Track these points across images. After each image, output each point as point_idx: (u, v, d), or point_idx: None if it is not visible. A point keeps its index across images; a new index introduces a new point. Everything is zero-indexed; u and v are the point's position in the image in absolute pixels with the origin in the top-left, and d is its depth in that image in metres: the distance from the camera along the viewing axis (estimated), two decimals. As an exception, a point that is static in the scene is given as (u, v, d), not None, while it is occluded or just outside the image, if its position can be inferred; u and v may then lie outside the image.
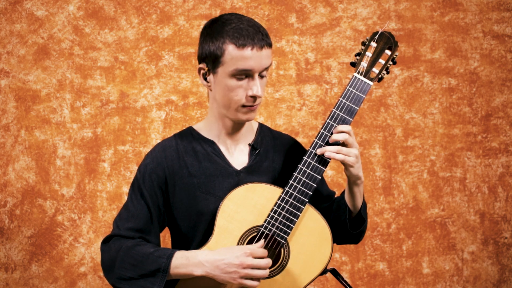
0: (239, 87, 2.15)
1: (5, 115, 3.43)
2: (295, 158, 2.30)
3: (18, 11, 3.42)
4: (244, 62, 2.13)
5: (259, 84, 2.16)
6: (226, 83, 2.15)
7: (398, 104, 3.59)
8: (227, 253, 2.10)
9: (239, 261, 2.09)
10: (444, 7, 3.58)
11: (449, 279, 3.61)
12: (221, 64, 2.15)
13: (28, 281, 3.43)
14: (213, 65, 2.17)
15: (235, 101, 2.17)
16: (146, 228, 2.23)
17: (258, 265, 2.10)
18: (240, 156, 2.29)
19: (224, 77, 2.15)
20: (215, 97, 2.21)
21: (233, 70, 2.14)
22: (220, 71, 2.16)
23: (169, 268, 2.13)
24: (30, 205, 3.43)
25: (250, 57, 2.13)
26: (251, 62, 2.13)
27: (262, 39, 2.15)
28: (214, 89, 2.20)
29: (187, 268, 2.12)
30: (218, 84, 2.18)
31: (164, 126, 3.48)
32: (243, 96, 2.16)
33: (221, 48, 2.14)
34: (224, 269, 2.09)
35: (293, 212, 2.16)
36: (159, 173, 2.24)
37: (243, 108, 2.18)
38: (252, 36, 2.13)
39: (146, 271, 2.14)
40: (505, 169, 3.63)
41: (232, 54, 2.13)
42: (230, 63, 2.13)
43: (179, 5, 3.49)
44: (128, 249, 2.18)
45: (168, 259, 2.13)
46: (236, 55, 2.13)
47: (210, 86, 2.21)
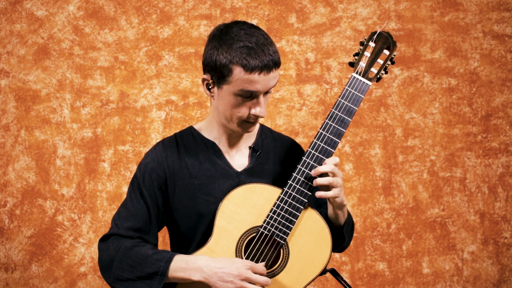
0: (243, 105, 2.15)
1: (5, 115, 3.43)
2: (296, 160, 2.30)
3: (18, 11, 3.42)
4: (250, 85, 2.11)
5: (263, 104, 2.16)
6: (230, 100, 2.15)
7: (398, 104, 3.59)
8: (227, 263, 2.11)
9: (238, 272, 2.09)
10: (444, 7, 3.58)
11: (449, 279, 3.61)
12: (227, 82, 2.13)
13: (28, 281, 3.43)
14: (218, 80, 2.15)
15: (237, 116, 2.17)
16: (145, 227, 2.23)
17: (256, 280, 2.10)
18: (240, 158, 2.29)
19: (228, 94, 2.15)
20: (217, 108, 2.21)
21: (238, 91, 2.13)
22: (225, 88, 2.15)
23: (168, 271, 2.13)
24: (30, 205, 3.43)
25: (257, 81, 2.11)
26: (257, 85, 2.12)
27: (271, 60, 2.12)
28: (217, 101, 2.19)
29: (186, 272, 2.12)
30: (221, 98, 2.17)
31: (164, 126, 3.48)
32: (246, 113, 2.16)
33: (228, 68, 2.11)
34: (222, 277, 2.09)
35: (292, 212, 2.16)
36: (160, 172, 2.24)
37: (244, 123, 2.19)
38: (261, 58, 2.11)
39: (144, 273, 2.14)
40: (505, 169, 3.63)
41: (239, 76, 2.11)
42: (237, 83, 2.12)
43: (179, 5, 3.49)
44: (127, 250, 2.17)
45: (167, 262, 2.13)
46: (243, 78, 2.11)
47: (213, 96, 2.20)
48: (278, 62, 2.14)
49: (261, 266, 2.13)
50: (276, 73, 2.14)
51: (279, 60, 2.15)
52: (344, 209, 2.26)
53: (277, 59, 2.14)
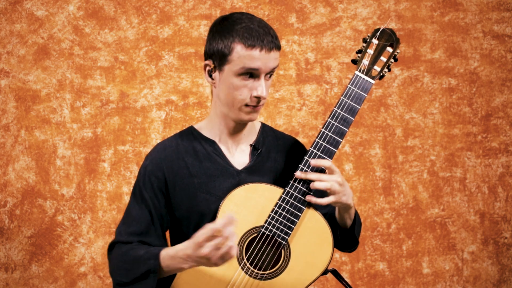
0: (244, 86, 2.15)
1: (5, 115, 3.42)
2: (298, 159, 2.30)
3: (18, 11, 3.42)
4: (251, 62, 2.13)
5: (264, 85, 2.16)
6: (232, 81, 2.15)
7: (398, 104, 3.59)
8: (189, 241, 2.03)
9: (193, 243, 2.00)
10: (444, 7, 3.58)
11: (449, 279, 3.61)
12: (228, 62, 2.14)
13: (28, 281, 3.43)
14: (219, 62, 2.16)
15: (238, 100, 2.16)
16: (147, 231, 2.22)
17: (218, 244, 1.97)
18: (241, 156, 2.29)
19: (230, 75, 2.15)
20: (219, 95, 2.21)
21: (239, 69, 2.13)
22: (226, 69, 2.15)
23: (159, 268, 2.12)
24: (30, 205, 3.43)
25: (257, 58, 2.13)
26: (258, 62, 2.13)
27: (272, 41, 2.15)
28: (219, 86, 2.20)
29: (176, 265, 2.10)
30: (223, 82, 2.18)
31: (164, 126, 3.48)
32: (247, 96, 2.16)
33: (229, 47, 2.14)
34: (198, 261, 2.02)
35: (294, 212, 2.15)
36: (158, 174, 2.23)
37: (246, 108, 2.18)
38: (261, 37, 2.13)
39: (138, 274, 2.14)
40: (505, 169, 3.63)
41: (240, 53, 2.13)
42: (238, 61, 2.13)
43: (179, 5, 3.49)
44: (123, 255, 2.18)
45: (155, 259, 2.12)
46: (244, 55, 2.12)
47: (214, 83, 2.21)
48: (279, 44, 2.17)
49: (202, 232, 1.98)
50: (276, 54, 2.16)
51: (279, 44, 2.18)
52: (350, 211, 2.24)
53: (278, 41, 2.17)
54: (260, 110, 2.23)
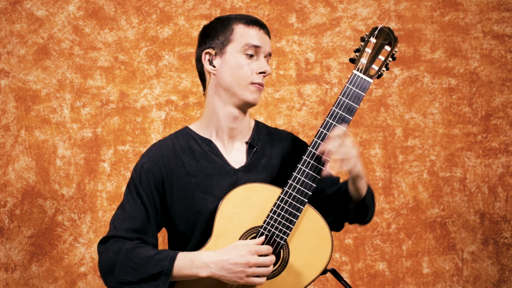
0: (248, 64, 2.23)
1: (5, 115, 3.43)
2: (293, 151, 2.31)
3: (18, 11, 3.42)
4: (253, 39, 2.23)
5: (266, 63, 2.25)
6: (236, 59, 2.22)
7: (398, 104, 3.59)
8: (232, 253, 2.09)
9: (245, 260, 2.08)
10: (444, 7, 3.58)
11: (449, 279, 3.61)
12: (231, 41, 2.23)
13: (28, 281, 3.43)
14: (221, 45, 2.24)
15: (244, 78, 2.22)
16: (144, 228, 2.22)
17: (264, 263, 2.09)
18: (237, 154, 2.29)
19: (233, 54, 2.23)
20: (220, 81, 2.24)
21: (243, 46, 2.22)
22: (229, 50, 2.23)
23: (172, 270, 2.12)
24: (30, 205, 3.43)
25: (258, 36, 2.24)
26: (259, 40, 2.24)
27: (265, 26, 2.28)
28: (221, 71, 2.24)
29: (191, 269, 2.11)
30: (226, 64, 2.23)
31: (164, 126, 3.48)
32: (252, 73, 2.22)
33: (230, 28, 2.24)
34: (231, 269, 2.08)
35: (292, 212, 2.15)
36: (156, 172, 2.23)
37: (251, 86, 2.22)
38: (257, 20, 2.27)
39: (147, 274, 2.13)
40: (505, 169, 3.63)
41: (241, 31, 2.23)
42: (240, 39, 2.23)
43: (179, 5, 3.49)
44: (128, 252, 2.16)
45: (170, 261, 2.12)
46: (245, 32, 2.23)
47: (216, 70, 2.25)
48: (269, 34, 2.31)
49: (265, 247, 2.11)
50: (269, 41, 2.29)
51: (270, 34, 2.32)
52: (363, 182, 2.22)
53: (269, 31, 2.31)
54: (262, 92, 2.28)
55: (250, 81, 2.22)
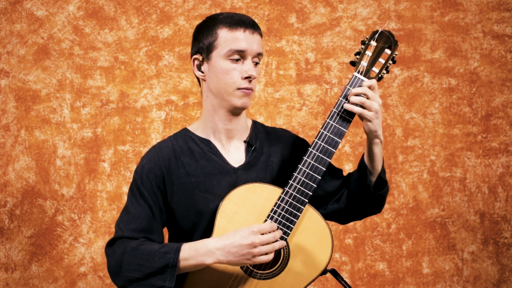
0: (234, 69, 2.20)
1: (5, 115, 3.43)
2: (292, 149, 2.31)
3: (18, 11, 3.42)
4: (237, 43, 2.20)
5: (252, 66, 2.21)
6: (221, 66, 2.20)
7: (398, 104, 3.59)
8: (235, 236, 2.08)
9: (250, 241, 2.07)
10: (444, 7, 3.58)
11: (449, 279, 3.61)
12: (215, 48, 2.21)
13: (28, 281, 3.43)
14: (207, 52, 2.23)
15: (230, 84, 2.20)
16: (149, 227, 2.22)
17: (268, 240, 2.08)
18: (236, 153, 2.29)
19: (218, 60, 2.20)
20: (209, 86, 2.24)
21: (227, 51, 2.19)
22: (214, 55, 2.21)
23: (178, 262, 2.11)
24: (30, 205, 3.43)
25: (242, 39, 2.20)
26: (243, 43, 2.20)
27: (253, 24, 2.23)
28: (209, 77, 2.24)
29: (197, 258, 2.11)
30: (212, 71, 2.22)
31: (164, 126, 3.48)
32: (238, 78, 2.20)
33: (215, 33, 2.21)
34: (236, 252, 2.08)
35: (293, 212, 2.15)
36: (157, 172, 2.24)
37: (237, 92, 2.21)
38: (243, 20, 2.22)
39: (154, 269, 2.12)
40: (505, 169, 3.63)
41: (225, 37, 2.20)
42: (224, 45, 2.20)
43: (179, 5, 3.49)
44: (133, 250, 2.16)
45: (175, 253, 2.12)
46: (229, 37, 2.20)
47: (204, 76, 2.25)
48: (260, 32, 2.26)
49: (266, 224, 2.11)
50: (259, 40, 2.24)
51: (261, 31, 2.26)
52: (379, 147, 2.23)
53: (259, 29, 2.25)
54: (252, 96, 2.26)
55: (236, 87, 2.20)
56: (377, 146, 2.22)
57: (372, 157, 2.24)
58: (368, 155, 2.24)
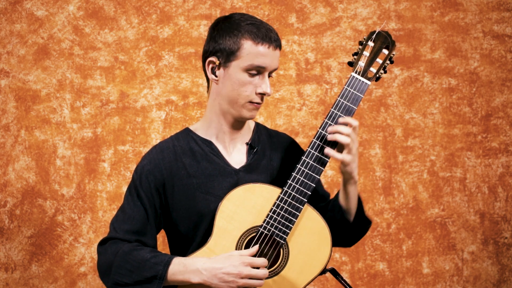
0: (250, 83, 2.18)
1: (5, 115, 3.43)
2: (292, 155, 2.31)
3: (18, 11, 3.42)
4: (259, 59, 2.17)
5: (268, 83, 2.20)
6: (238, 77, 2.18)
7: (398, 104, 3.59)
8: (225, 262, 2.10)
9: (238, 270, 2.09)
10: (444, 7, 3.58)
11: (449, 279, 3.61)
12: (237, 58, 2.18)
13: (28, 281, 3.43)
14: (226, 58, 2.19)
15: (243, 96, 2.19)
16: (143, 230, 2.22)
17: (256, 275, 2.10)
18: (238, 155, 2.29)
19: (236, 71, 2.18)
20: (221, 92, 2.22)
21: (248, 65, 2.17)
22: (233, 65, 2.18)
23: (166, 275, 2.13)
24: (30, 205, 3.43)
25: (265, 55, 2.18)
26: (266, 59, 2.18)
27: (277, 39, 2.21)
28: (222, 83, 2.21)
29: (184, 275, 2.12)
30: (228, 78, 2.20)
31: (164, 126, 3.48)
32: (252, 92, 2.19)
33: (238, 43, 2.17)
34: (222, 278, 2.09)
35: (292, 212, 2.16)
36: (157, 174, 2.24)
37: (249, 105, 2.20)
38: (269, 34, 2.19)
39: (142, 277, 2.14)
40: (505, 169, 3.63)
41: (249, 50, 2.17)
42: (247, 58, 2.17)
43: (179, 5, 3.49)
44: (125, 254, 2.17)
45: (165, 266, 2.13)
46: (253, 51, 2.17)
47: (217, 80, 2.22)
48: (281, 43, 2.24)
49: (259, 259, 2.12)
50: (278, 54, 2.23)
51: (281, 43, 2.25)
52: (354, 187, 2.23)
53: (280, 41, 2.23)
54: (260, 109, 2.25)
55: (248, 100, 2.20)
56: (352, 186, 2.23)
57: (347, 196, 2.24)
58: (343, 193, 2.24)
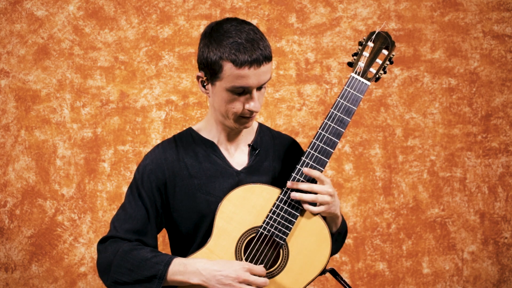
0: (237, 100, 2.15)
1: (5, 115, 3.43)
2: (295, 157, 2.30)
3: (18, 11, 3.42)
4: (241, 81, 2.11)
5: (257, 98, 2.15)
6: (223, 96, 2.15)
7: (398, 104, 3.59)
8: (225, 265, 2.11)
9: (236, 274, 2.10)
10: (444, 7, 3.58)
11: (449, 279, 3.61)
12: (219, 79, 2.13)
13: (28, 281, 3.44)
14: (211, 77, 2.16)
15: (232, 112, 2.17)
16: (144, 229, 2.23)
17: (254, 282, 2.11)
18: (240, 156, 2.29)
19: (221, 90, 2.15)
20: (213, 104, 2.22)
21: (230, 87, 2.13)
22: (218, 85, 2.15)
23: (166, 275, 2.13)
24: (30, 205, 3.43)
25: (248, 76, 2.11)
26: (248, 80, 2.11)
27: (261, 54, 2.10)
28: (212, 97, 2.20)
29: (184, 275, 2.12)
30: (215, 95, 2.18)
31: (164, 126, 3.48)
32: (240, 108, 2.16)
33: (219, 64, 2.11)
34: (220, 280, 2.10)
35: (291, 212, 2.16)
36: (159, 174, 2.24)
37: (240, 119, 2.19)
38: (250, 53, 2.10)
39: (142, 276, 2.14)
40: (505, 169, 3.63)
41: (230, 72, 2.11)
42: (228, 79, 2.12)
43: (179, 5, 3.49)
44: (125, 253, 2.17)
45: (165, 266, 2.13)
46: (233, 73, 2.11)
47: (208, 93, 2.21)
48: (269, 56, 2.13)
49: (259, 267, 2.13)
50: (267, 67, 2.13)
51: (270, 54, 2.14)
52: (337, 221, 2.26)
53: (268, 53, 2.12)
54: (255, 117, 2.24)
55: (238, 115, 2.18)
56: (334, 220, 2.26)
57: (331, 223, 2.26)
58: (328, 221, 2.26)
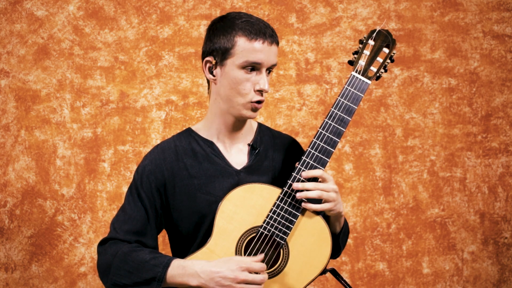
0: (247, 80, 2.17)
1: (5, 115, 3.43)
2: (295, 157, 2.30)
3: (18, 11, 3.42)
4: (254, 55, 2.16)
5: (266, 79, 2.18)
6: (235, 75, 2.17)
7: (398, 104, 3.59)
8: (223, 266, 2.10)
9: (234, 275, 2.09)
10: (444, 7, 3.58)
11: (449, 279, 3.61)
12: (231, 55, 2.17)
13: (28, 281, 3.43)
14: (222, 57, 2.18)
15: (242, 94, 2.18)
16: (143, 230, 2.23)
17: (253, 280, 2.10)
18: (239, 155, 2.29)
19: (232, 69, 2.17)
20: (219, 91, 2.22)
21: (243, 62, 2.16)
22: (229, 63, 2.17)
23: (165, 277, 2.13)
24: (30, 205, 3.43)
25: (260, 50, 2.16)
26: (261, 55, 2.16)
27: (272, 35, 2.18)
28: (220, 82, 2.21)
29: (183, 278, 2.12)
30: (225, 77, 2.19)
31: (164, 126, 3.48)
32: (250, 90, 2.18)
33: (232, 40, 2.16)
34: (219, 282, 2.09)
35: (292, 212, 2.16)
36: (158, 175, 2.24)
37: (249, 104, 2.19)
38: (263, 30, 2.17)
39: (141, 279, 2.14)
40: (505, 169, 3.63)
41: (243, 46, 2.16)
42: (241, 55, 2.16)
43: (179, 5, 3.49)
44: (124, 255, 2.17)
45: (164, 268, 2.13)
46: (247, 47, 2.16)
47: (215, 80, 2.22)
48: (278, 40, 2.21)
49: (257, 264, 2.12)
50: (276, 50, 2.20)
51: (278, 40, 2.22)
52: (340, 219, 2.26)
53: (276, 37, 2.20)
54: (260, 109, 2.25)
55: (248, 100, 2.18)
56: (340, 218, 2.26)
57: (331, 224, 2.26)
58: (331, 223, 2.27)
